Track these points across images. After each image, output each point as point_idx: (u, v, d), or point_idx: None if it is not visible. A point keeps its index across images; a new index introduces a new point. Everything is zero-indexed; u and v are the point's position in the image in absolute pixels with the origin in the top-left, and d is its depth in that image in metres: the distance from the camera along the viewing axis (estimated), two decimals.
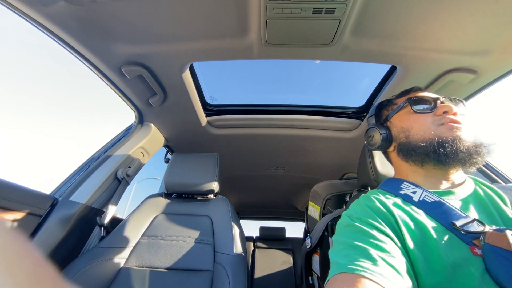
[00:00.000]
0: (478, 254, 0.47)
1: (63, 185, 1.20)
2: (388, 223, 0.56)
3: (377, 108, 0.88)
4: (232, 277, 1.01)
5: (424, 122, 0.68)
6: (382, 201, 0.62)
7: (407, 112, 0.74)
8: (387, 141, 0.77)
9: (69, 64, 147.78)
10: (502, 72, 0.99)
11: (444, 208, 0.56)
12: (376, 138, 0.79)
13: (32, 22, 0.83)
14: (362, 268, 0.44)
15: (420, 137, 0.67)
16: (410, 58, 1.02)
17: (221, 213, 1.26)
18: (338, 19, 0.83)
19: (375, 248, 0.49)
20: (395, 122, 0.77)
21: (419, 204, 0.60)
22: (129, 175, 1.40)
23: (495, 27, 0.83)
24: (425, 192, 0.62)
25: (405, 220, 0.55)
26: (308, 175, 2.39)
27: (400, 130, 0.74)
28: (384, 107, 0.85)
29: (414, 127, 0.70)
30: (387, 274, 0.43)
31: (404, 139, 0.71)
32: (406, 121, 0.73)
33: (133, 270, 1.03)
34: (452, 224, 0.52)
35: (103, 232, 1.19)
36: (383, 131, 0.78)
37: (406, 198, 0.63)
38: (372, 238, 0.51)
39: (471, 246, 0.49)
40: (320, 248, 1.12)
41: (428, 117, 0.68)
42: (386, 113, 0.82)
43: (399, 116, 0.76)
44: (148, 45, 0.99)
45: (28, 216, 0.96)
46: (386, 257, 0.46)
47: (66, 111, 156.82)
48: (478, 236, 0.49)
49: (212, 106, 1.61)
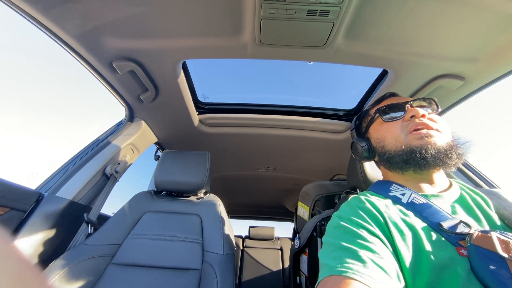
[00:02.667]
0: (464, 255, 0.48)
1: (49, 180, 1.18)
2: (377, 224, 0.56)
3: (356, 120, 0.89)
4: (220, 276, 1.01)
5: (394, 131, 0.69)
6: (372, 202, 0.62)
7: (379, 122, 0.75)
8: (370, 152, 0.78)
9: (59, 58, 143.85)
10: (490, 79, 1.02)
11: (432, 210, 0.57)
12: (359, 151, 0.81)
13: (22, 14, 0.81)
14: (351, 270, 0.44)
15: (393, 147, 0.68)
16: (401, 62, 1.04)
17: (211, 212, 1.26)
18: (332, 21, 0.84)
19: (365, 249, 0.49)
20: (372, 133, 0.79)
21: (407, 205, 0.61)
22: (118, 171, 1.38)
23: (483, 35, 0.86)
24: (414, 194, 0.63)
25: (395, 221, 0.56)
26: (298, 176, 2.40)
27: (377, 141, 0.75)
28: (362, 119, 0.86)
29: (386, 136, 0.71)
30: (376, 276, 0.43)
31: (381, 149, 0.73)
32: (379, 131, 0.75)
33: (120, 268, 1.02)
34: (439, 225, 0.53)
35: (90, 229, 1.17)
36: (364, 144, 0.79)
37: (395, 200, 0.64)
38: (362, 239, 0.52)
39: (457, 247, 0.50)
40: (308, 249, 1.13)
41: (397, 124, 0.69)
42: (364, 125, 0.84)
43: (374, 127, 0.78)
44: (140, 41, 0.98)
45: (12, 211, 0.94)
46: (375, 258, 0.47)
47: (56, 107, 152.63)
48: (464, 237, 0.50)
49: (204, 104, 1.60)
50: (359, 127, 0.88)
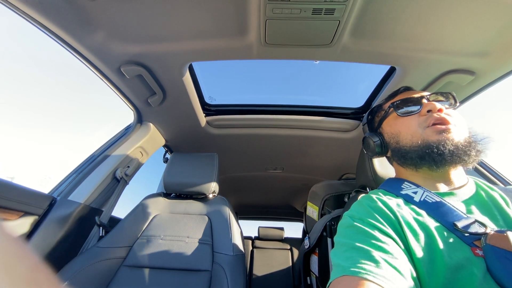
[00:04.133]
0: (479, 255, 0.47)
1: (61, 184, 1.20)
2: (390, 224, 0.55)
3: (369, 115, 0.88)
4: (231, 277, 1.01)
5: (410, 126, 0.67)
6: (384, 201, 0.61)
7: (394, 116, 0.73)
8: (382, 148, 0.76)
9: (68, 63, 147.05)
10: (501, 73, 0.99)
11: (445, 209, 0.56)
12: (371, 146, 0.79)
13: (30, 21, 0.83)
14: (364, 270, 0.44)
15: (409, 142, 0.66)
16: (409, 59, 1.02)
17: (220, 213, 1.26)
18: (337, 19, 0.83)
19: (378, 249, 0.48)
20: (385, 128, 0.76)
21: (420, 204, 0.59)
22: (128, 174, 1.40)
23: (493, 28, 0.84)
24: (426, 192, 0.61)
25: (408, 221, 0.55)
26: (307, 176, 2.39)
27: (391, 136, 0.73)
28: (375, 113, 0.84)
29: (402, 131, 0.69)
30: (390, 276, 0.43)
31: (395, 145, 0.71)
32: (394, 126, 0.73)
33: (131, 270, 1.03)
34: (453, 225, 0.52)
35: (101, 231, 1.19)
36: (376, 139, 0.77)
37: (407, 199, 0.62)
38: (374, 239, 0.51)
39: (473, 247, 0.48)
40: (318, 249, 1.12)
41: (413, 119, 0.67)
42: (377, 120, 0.82)
43: (388, 122, 0.76)
44: (147, 45, 0.99)
45: (26, 215, 0.96)
46: (388, 258, 0.46)
47: (65, 111, 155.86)
48: (480, 237, 0.49)
49: (211, 106, 1.61)
50: (371, 122, 0.86)
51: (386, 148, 0.76)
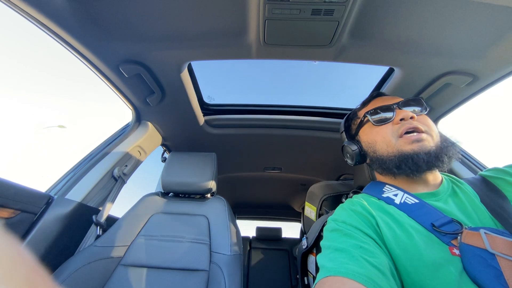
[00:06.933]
0: (456, 254, 0.49)
1: (58, 183, 1.19)
2: (370, 226, 0.58)
3: (345, 122, 0.88)
4: (228, 277, 1.01)
5: (385, 135, 0.69)
6: (364, 205, 0.64)
7: (369, 125, 0.75)
8: (361, 156, 0.78)
9: (65, 62, 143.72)
10: (499, 75, 1.00)
11: (425, 210, 0.58)
12: (350, 154, 0.80)
13: (29, 19, 0.83)
14: (347, 270, 0.46)
15: (385, 152, 0.68)
16: (408, 60, 1.02)
17: (218, 213, 1.26)
18: (337, 20, 0.83)
19: (359, 250, 0.50)
20: (362, 136, 0.78)
21: (400, 206, 0.61)
22: (126, 173, 1.40)
23: (491, 30, 0.84)
24: (406, 194, 0.63)
25: (387, 222, 0.57)
26: (305, 176, 2.39)
27: (368, 145, 0.75)
28: (351, 120, 0.85)
29: (377, 140, 0.71)
30: (371, 275, 0.45)
31: (373, 154, 0.72)
32: (370, 135, 0.74)
33: (129, 269, 1.03)
34: (432, 225, 0.54)
35: (99, 230, 1.18)
36: (355, 147, 0.78)
37: (388, 201, 0.65)
38: (356, 240, 0.53)
39: (450, 246, 0.50)
40: (316, 249, 1.12)
41: (387, 128, 0.69)
42: (354, 128, 0.82)
43: (364, 130, 0.77)
44: (146, 44, 0.99)
45: (23, 214, 0.95)
46: (369, 258, 0.48)
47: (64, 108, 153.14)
48: (457, 236, 0.51)
49: (209, 105, 1.61)
50: (348, 129, 0.86)
51: (365, 156, 0.78)
